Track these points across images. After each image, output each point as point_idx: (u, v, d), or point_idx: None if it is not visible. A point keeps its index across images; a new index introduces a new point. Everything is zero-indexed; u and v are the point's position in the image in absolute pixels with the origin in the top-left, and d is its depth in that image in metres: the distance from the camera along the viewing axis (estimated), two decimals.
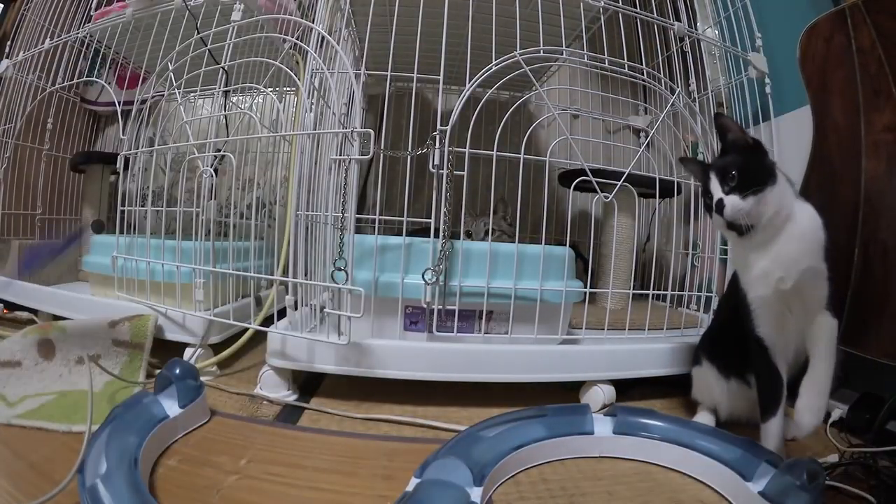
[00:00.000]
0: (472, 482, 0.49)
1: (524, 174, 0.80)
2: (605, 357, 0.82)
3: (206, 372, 0.86)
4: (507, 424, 0.61)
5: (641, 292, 0.97)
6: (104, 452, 0.47)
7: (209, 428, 0.66)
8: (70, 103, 1.55)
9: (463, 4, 0.88)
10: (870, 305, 0.75)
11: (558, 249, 0.84)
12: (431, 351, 0.77)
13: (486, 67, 0.79)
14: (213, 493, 0.50)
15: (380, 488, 0.53)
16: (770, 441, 0.61)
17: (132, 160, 0.99)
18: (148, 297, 0.92)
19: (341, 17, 0.94)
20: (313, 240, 0.83)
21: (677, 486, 0.58)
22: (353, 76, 0.80)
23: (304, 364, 0.76)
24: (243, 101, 1.21)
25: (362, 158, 0.75)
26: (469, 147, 0.77)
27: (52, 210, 1.48)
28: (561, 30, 0.93)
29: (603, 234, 1.22)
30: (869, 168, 0.77)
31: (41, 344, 0.79)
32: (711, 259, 1.03)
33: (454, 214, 0.77)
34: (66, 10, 1.32)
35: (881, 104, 0.76)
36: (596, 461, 0.63)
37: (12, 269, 1.23)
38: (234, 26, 0.90)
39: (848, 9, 0.80)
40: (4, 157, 1.32)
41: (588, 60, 0.92)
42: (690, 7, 1.05)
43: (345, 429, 0.69)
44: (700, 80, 1.08)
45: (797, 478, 0.47)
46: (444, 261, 0.75)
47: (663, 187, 0.90)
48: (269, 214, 1.43)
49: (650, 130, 1.08)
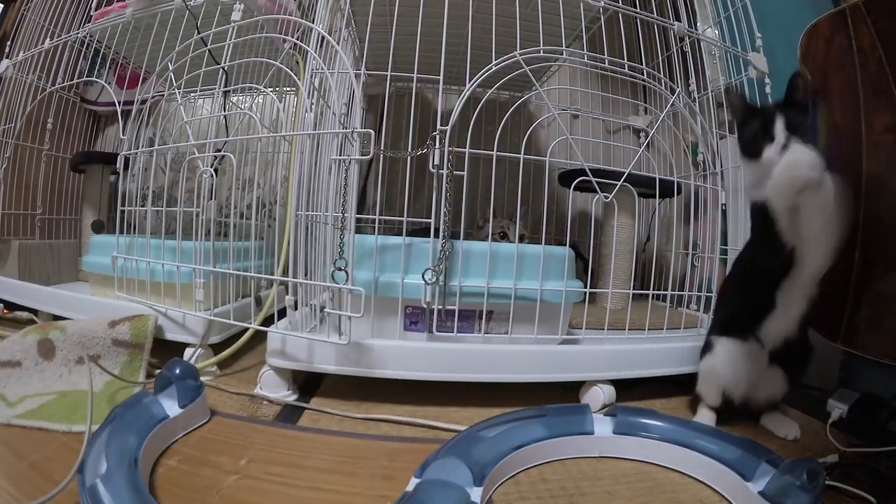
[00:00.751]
0: (472, 482, 0.49)
1: (524, 174, 0.80)
2: (605, 357, 0.82)
3: (206, 372, 0.86)
4: (507, 424, 0.61)
5: (641, 292, 0.97)
6: (104, 452, 0.47)
7: (209, 428, 0.66)
8: (70, 103, 1.55)
9: (463, 4, 0.88)
10: (870, 306, 0.75)
11: (558, 249, 0.84)
12: (431, 351, 0.77)
13: (486, 67, 0.79)
14: (213, 493, 0.50)
15: (380, 488, 0.54)
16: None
17: (132, 160, 0.99)
18: (148, 297, 0.92)
19: (341, 17, 0.94)
20: (313, 240, 0.83)
21: (677, 486, 0.58)
22: (353, 76, 0.80)
23: (304, 364, 0.76)
24: (243, 101, 1.21)
25: (363, 159, 0.75)
26: (469, 147, 0.77)
27: (52, 210, 1.48)
28: (561, 30, 0.93)
29: (603, 234, 1.22)
30: (869, 169, 0.77)
31: (41, 344, 0.79)
32: (711, 259, 1.03)
33: (454, 214, 0.77)
34: (66, 10, 1.32)
35: (882, 105, 0.76)
36: (596, 461, 0.63)
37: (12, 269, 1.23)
38: (234, 26, 0.91)
39: (848, 9, 0.80)
40: (4, 157, 1.32)
41: (588, 60, 0.92)
42: (690, 7, 1.05)
43: (345, 429, 0.69)
44: (700, 80, 1.08)
45: (797, 478, 0.47)
46: (444, 261, 0.75)
47: (663, 187, 0.90)
48: (269, 214, 1.43)
49: (650, 130, 1.08)
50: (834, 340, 0.81)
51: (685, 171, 1.11)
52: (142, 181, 1.03)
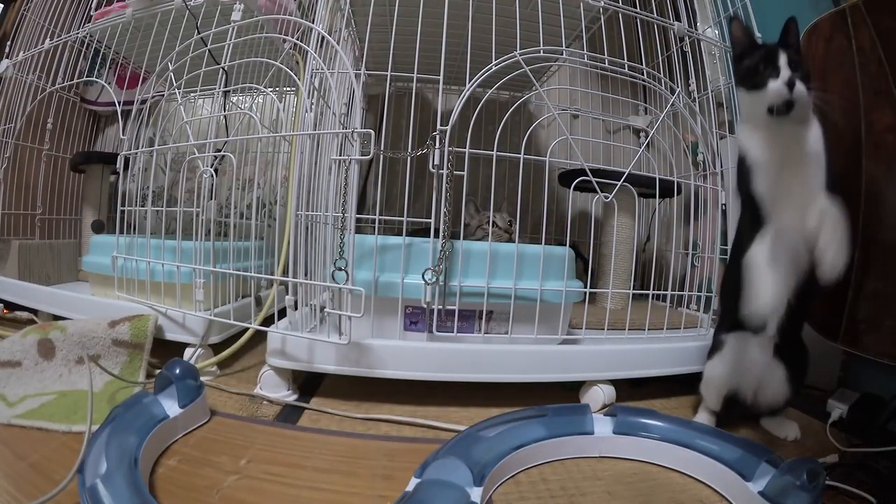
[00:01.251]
0: (472, 482, 0.49)
1: (524, 174, 0.80)
2: (605, 357, 0.82)
3: (206, 372, 0.86)
4: (507, 424, 0.61)
5: (641, 292, 0.97)
6: (104, 452, 0.47)
7: (209, 428, 0.66)
8: (70, 103, 1.55)
9: (463, 4, 0.88)
10: (871, 306, 0.75)
11: (558, 249, 0.84)
12: (431, 351, 0.77)
13: (486, 67, 0.79)
14: (213, 493, 0.50)
15: (380, 488, 0.54)
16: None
17: (132, 160, 0.99)
18: (148, 297, 0.92)
19: (341, 17, 0.94)
20: (313, 240, 0.83)
21: (677, 486, 0.58)
22: (353, 76, 0.80)
23: (304, 364, 0.76)
24: (243, 101, 1.21)
25: (363, 159, 0.75)
26: (469, 147, 0.77)
27: (52, 210, 1.48)
28: (561, 30, 0.93)
29: (603, 234, 1.22)
30: (869, 169, 0.77)
31: (41, 344, 0.79)
32: (711, 259, 1.03)
33: (454, 214, 0.77)
34: (66, 10, 1.32)
35: (882, 105, 0.76)
36: (596, 461, 0.63)
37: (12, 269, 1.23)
38: (234, 26, 0.91)
39: (848, 9, 0.80)
40: (4, 157, 1.32)
41: (588, 60, 0.92)
42: (690, 7, 1.05)
43: (345, 429, 0.69)
44: (700, 80, 1.08)
45: (797, 478, 0.47)
46: (444, 261, 0.75)
47: (663, 187, 0.90)
48: (269, 214, 1.43)
49: (650, 130, 1.08)
50: (834, 340, 0.81)
51: (685, 171, 1.11)
52: (142, 181, 1.03)
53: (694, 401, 0.86)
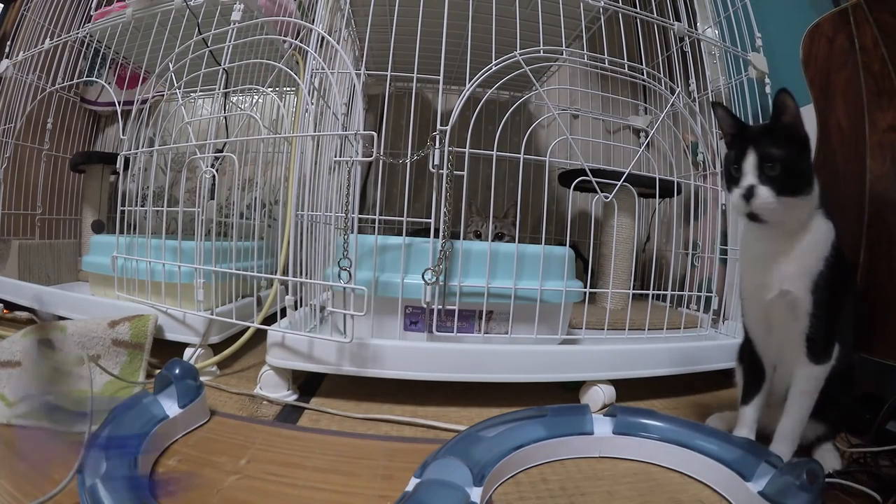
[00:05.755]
0: (471, 482, 0.49)
1: (524, 174, 0.80)
2: (605, 357, 0.82)
3: (206, 372, 0.86)
4: (506, 424, 0.60)
5: (641, 292, 0.97)
6: (104, 452, 0.47)
7: (209, 428, 0.66)
8: (70, 103, 1.55)
9: (463, 4, 0.88)
10: (874, 307, 0.75)
11: (558, 249, 0.84)
12: (431, 351, 0.77)
13: (486, 67, 0.79)
14: (212, 493, 0.50)
15: (380, 488, 0.53)
16: (743, 426, 0.64)
17: (132, 160, 0.99)
18: (148, 297, 0.92)
19: (341, 17, 0.94)
20: (313, 240, 0.83)
21: (677, 486, 0.58)
22: (353, 76, 0.80)
23: (304, 364, 0.76)
24: (243, 101, 1.21)
25: (366, 160, 0.75)
26: (469, 147, 0.77)
27: (52, 210, 1.48)
28: (561, 30, 0.93)
29: (603, 234, 1.22)
30: (873, 168, 0.76)
31: (41, 344, 0.79)
32: (711, 259, 1.03)
33: (454, 214, 0.77)
34: (66, 10, 1.32)
35: (885, 104, 0.76)
36: (596, 461, 0.62)
37: (12, 269, 1.23)
38: (234, 27, 0.90)
39: (850, 8, 0.80)
40: (4, 157, 1.32)
41: (588, 60, 0.92)
42: (690, 7, 1.05)
43: (345, 429, 0.69)
44: (700, 80, 1.08)
45: (797, 478, 0.47)
46: (444, 261, 0.75)
47: (663, 187, 0.90)
48: (269, 214, 1.43)
49: (650, 130, 1.08)
50: None
51: (685, 171, 1.11)
52: (142, 181, 1.03)
53: (694, 401, 0.86)
